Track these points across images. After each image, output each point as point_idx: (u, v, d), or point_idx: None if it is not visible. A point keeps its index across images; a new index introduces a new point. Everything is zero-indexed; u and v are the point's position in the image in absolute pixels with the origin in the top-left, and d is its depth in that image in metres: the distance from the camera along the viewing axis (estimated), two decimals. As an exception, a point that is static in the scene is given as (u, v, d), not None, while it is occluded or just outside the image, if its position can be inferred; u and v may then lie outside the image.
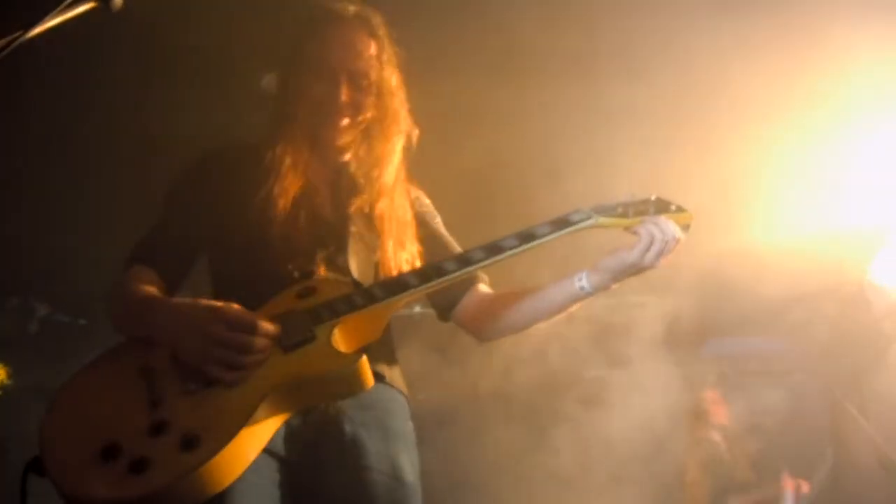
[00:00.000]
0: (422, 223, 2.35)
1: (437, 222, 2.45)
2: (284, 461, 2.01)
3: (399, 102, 2.28)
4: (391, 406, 2.19)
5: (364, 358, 1.85)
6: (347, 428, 2.07)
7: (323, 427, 2.05)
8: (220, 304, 1.86)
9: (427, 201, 2.47)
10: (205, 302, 1.89)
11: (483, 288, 2.35)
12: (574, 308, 2.21)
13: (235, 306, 1.86)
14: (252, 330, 1.81)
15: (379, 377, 2.11)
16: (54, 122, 3.81)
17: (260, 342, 1.81)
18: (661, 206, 2.07)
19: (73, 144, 3.95)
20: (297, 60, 2.23)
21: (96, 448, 1.69)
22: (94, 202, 4.18)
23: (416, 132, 2.32)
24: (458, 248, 2.35)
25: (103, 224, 4.14)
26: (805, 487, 4.48)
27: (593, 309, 3.44)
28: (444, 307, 2.36)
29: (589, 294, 2.13)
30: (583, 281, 2.12)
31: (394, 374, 2.23)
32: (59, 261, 4.41)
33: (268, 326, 1.85)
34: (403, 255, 2.21)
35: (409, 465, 2.14)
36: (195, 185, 2.22)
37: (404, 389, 2.25)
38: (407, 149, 2.32)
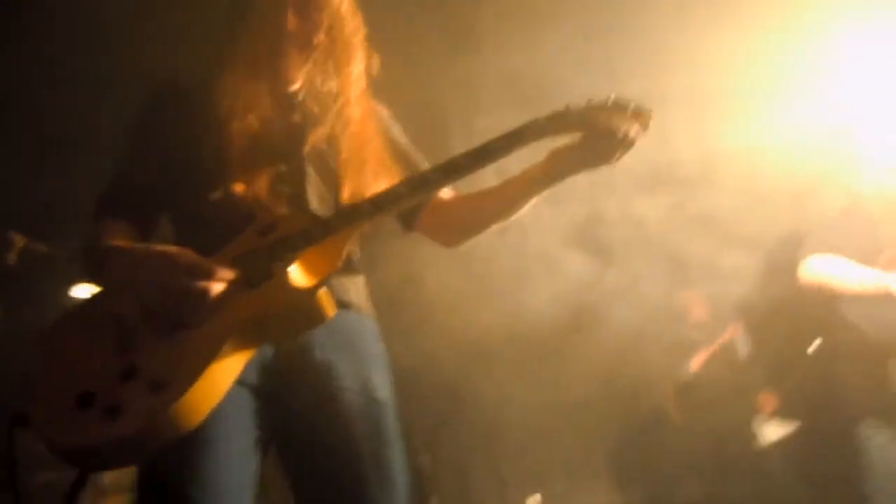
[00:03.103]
0: (386, 141, 2.30)
1: (396, 133, 2.41)
2: (258, 391, 2.07)
3: (352, 31, 2.22)
4: (361, 330, 2.23)
5: (323, 290, 1.88)
6: (318, 353, 2.12)
7: (294, 355, 2.10)
8: (175, 249, 1.89)
9: (385, 112, 2.42)
10: (159, 248, 1.91)
11: (443, 193, 2.35)
12: (534, 201, 2.23)
13: (190, 252, 1.88)
14: (209, 275, 1.85)
15: (346, 305, 2.16)
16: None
17: (217, 287, 1.85)
18: (619, 107, 2.03)
19: (46, 81, 3.91)
20: None
21: (72, 397, 1.75)
22: (66, 136, 4.16)
23: (376, 59, 2.26)
24: (419, 159, 2.36)
25: (78, 154, 4.14)
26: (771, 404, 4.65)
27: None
28: (407, 217, 2.39)
29: (547, 186, 2.16)
30: (539, 171, 2.15)
31: (361, 299, 2.27)
32: (34, 192, 4.42)
33: (224, 270, 1.87)
34: (368, 191, 2.16)
35: (382, 384, 2.19)
36: (151, 128, 2.20)
37: (372, 314, 2.29)
38: (368, 75, 2.25)
